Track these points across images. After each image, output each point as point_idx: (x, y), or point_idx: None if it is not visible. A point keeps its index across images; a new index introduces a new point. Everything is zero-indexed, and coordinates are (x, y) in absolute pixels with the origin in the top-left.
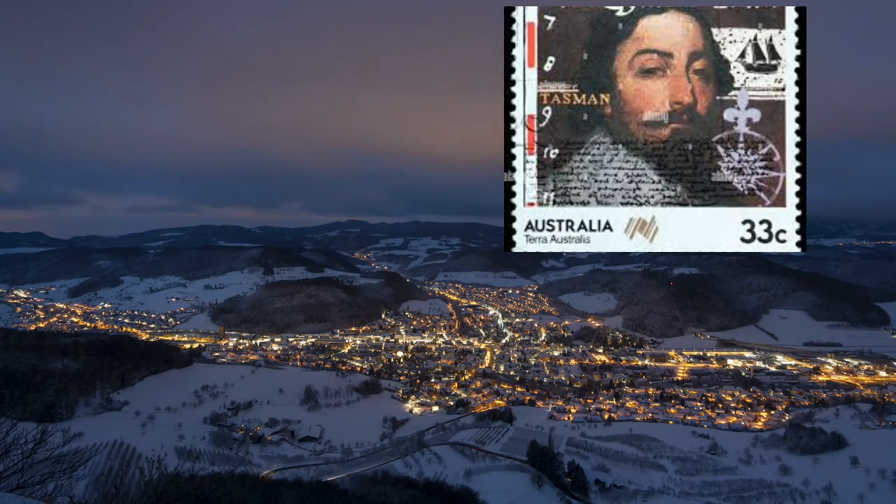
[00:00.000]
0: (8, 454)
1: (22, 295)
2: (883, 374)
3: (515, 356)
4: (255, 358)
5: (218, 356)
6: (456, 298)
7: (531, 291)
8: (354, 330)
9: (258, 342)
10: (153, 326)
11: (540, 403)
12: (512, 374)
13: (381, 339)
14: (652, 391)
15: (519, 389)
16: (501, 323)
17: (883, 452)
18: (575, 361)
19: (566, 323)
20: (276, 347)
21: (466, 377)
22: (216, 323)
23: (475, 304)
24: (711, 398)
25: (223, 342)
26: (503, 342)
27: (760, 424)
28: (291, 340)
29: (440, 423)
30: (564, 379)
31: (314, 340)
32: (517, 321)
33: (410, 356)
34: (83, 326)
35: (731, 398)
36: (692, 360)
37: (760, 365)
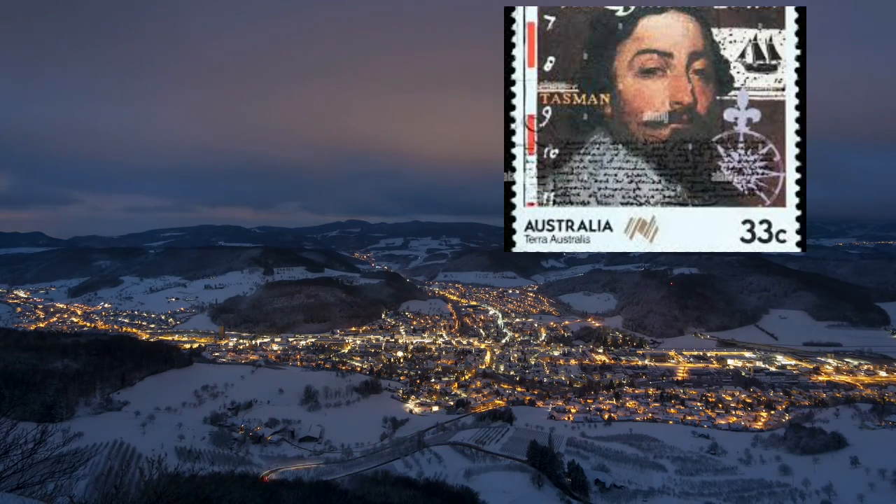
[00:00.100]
0: (8, 454)
1: (22, 295)
2: (883, 374)
3: (515, 356)
4: (255, 358)
5: (218, 356)
6: (456, 298)
7: (531, 291)
8: (354, 330)
9: (258, 342)
10: (153, 326)
11: (540, 403)
12: (512, 374)
13: (381, 339)
14: (652, 391)
15: (519, 389)
16: (501, 323)
17: (883, 452)
18: (575, 361)
19: (566, 323)
20: (276, 347)
21: (466, 377)
22: (216, 323)
23: (475, 304)
24: (711, 398)
25: (223, 342)
26: (503, 342)
27: (760, 424)
28: (291, 340)
29: (440, 423)
30: (564, 379)
31: (314, 340)
32: (517, 321)
33: (410, 356)
34: (83, 326)
35: (731, 398)
36: (692, 360)
37: (760, 365)
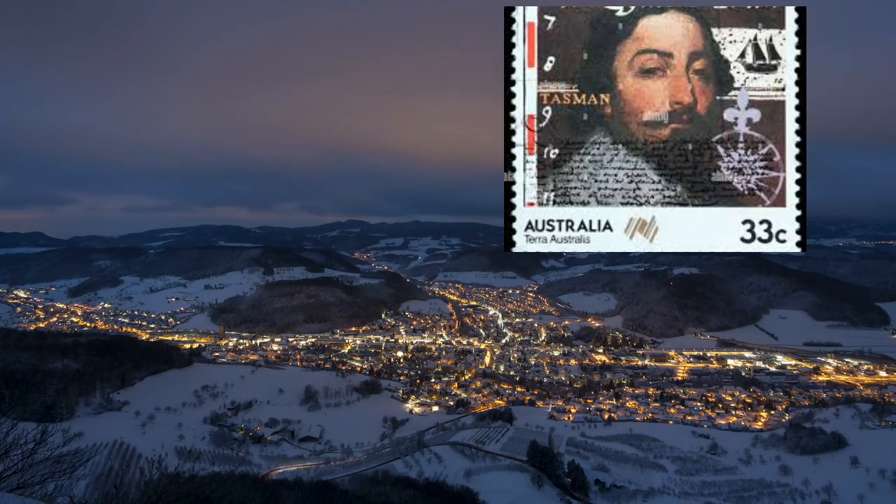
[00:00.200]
0: (8, 454)
1: (22, 295)
2: (883, 374)
3: (515, 356)
4: (255, 358)
5: (218, 356)
6: (456, 298)
7: (531, 291)
8: (354, 330)
9: (258, 342)
10: (153, 326)
11: (540, 403)
12: (512, 374)
13: (381, 339)
14: (652, 391)
15: (519, 389)
16: (501, 323)
17: (883, 452)
18: (575, 361)
19: (566, 323)
20: (276, 347)
21: (466, 377)
22: (216, 323)
23: (475, 304)
24: (711, 398)
25: (223, 342)
26: (503, 342)
27: (760, 424)
28: (291, 340)
29: (440, 423)
30: (564, 379)
31: (314, 340)
32: (517, 321)
33: (410, 356)
34: (83, 326)
35: (731, 398)
36: (692, 360)
37: (760, 365)
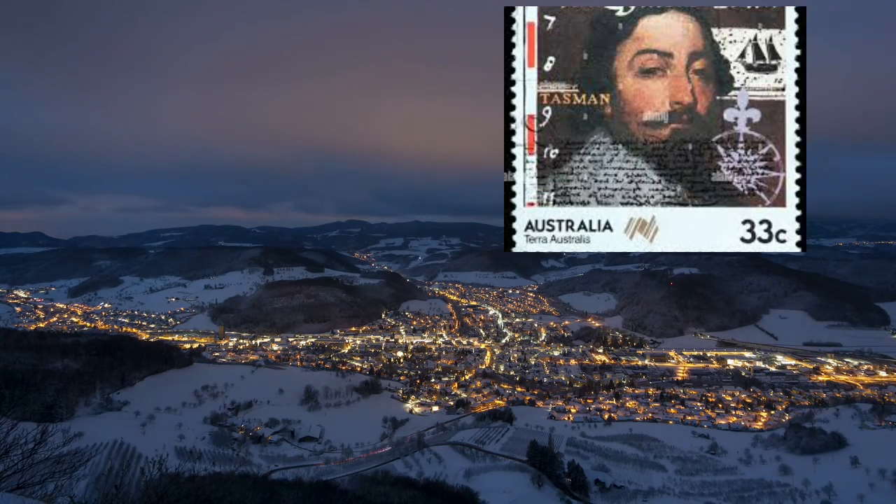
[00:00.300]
0: (8, 454)
1: (22, 295)
2: (883, 374)
3: (515, 356)
4: (255, 358)
5: (218, 356)
6: (456, 298)
7: (531, 291)
8: (354, 330)
9: (258, 342)
10: (153, 326)
11: (540, 403)
12: (512, 374)
13: (381, 339)
14: (652, 391)
15: (519, 389)
16: (501, 323)
17: (883, 452)
18: (575, 361)
19: (566, 323)
20: (276, 347)
21: (466, 377)
22: (216, 323)
23: (475, 304)
24: (711, 398)
25: (223, 342)
26: (503, 342)
27: (760, 424)
28: (291, 340)
29: (440, 423)
30: (564, 379)
31: (314, 340)
32: (517, 321)
33: (410, 356)
34: (83, 326)
35: (731, 398)
36: (692, 360)
37: (760, 365)
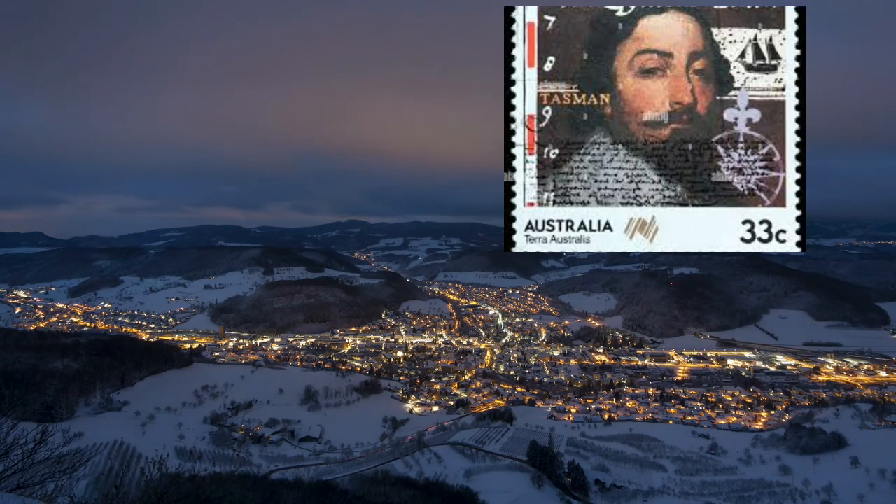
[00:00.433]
0: (8, 454)
1: (22, 295)
2: (883, 374)
3: (515, 356)
4: (255, 358)
5: (218, 356)
6: (456, 298)
7: (531, 291)
8: (354, 330)
9: (258, 342)
10: (153, 326)
11: (540, 403)
12: (512, 374)
13: (381, 339)
14: (652, 391)
15: (519, 389)
16: (501, 323)
17: (883, 452)
18: (575, 361)
19: (566, 323)
20: (276, 347)
21: (466, 377)
22: (216, 323)
23: (475, 304)
24: (711, 398)
25: (223, 342)
26: (503, 342)
27: (760, 424)
28: (291, 340)
29: (440, 423)
30: (564, 379)
31: (314, 340)
32: (517, 321)
33: (410, 356)
34: (83, 326)
35: (731, 398)
36: (692, 360)
37: (760, 365)
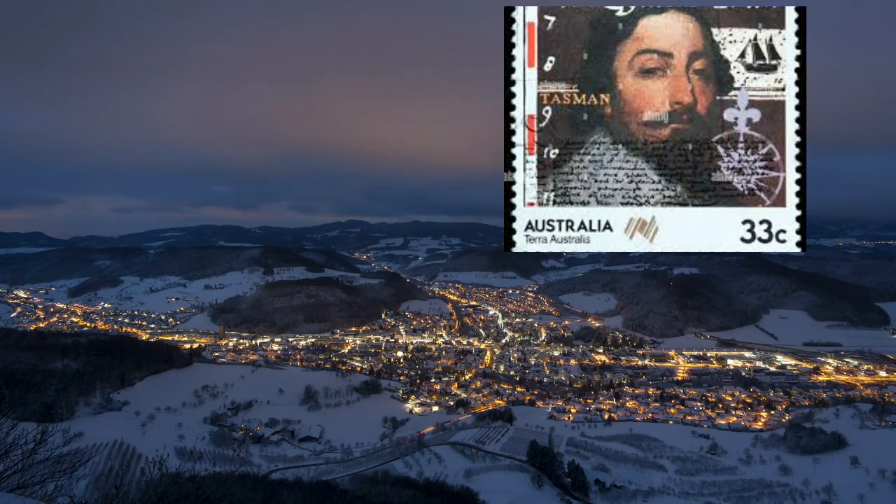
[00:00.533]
0: (8, 454)
1: (22, 295)
2: (883, 374)
3: (515, 356)
4: (255, 358)
5: (218, 356)
6: (456, 298)
7: (531, 291)
8: (354, 330)
9: (258, 342)
10: (153, 326)
11: (540, 403)
12: (512, 374)
13: (381, 339)
14: (652, 391)
15: (519, 389)
16: (501, 323)
17: (883, 452)
18: (575, 361)
19: (566, 323)
20: (276, 347)
21: (466, 377)
22: (216, 323)
23: (475, 304)
24: (711, 398)
25: (223, 342)
26: (503, 342)
27: (760, 424)
28: (291, 340)
29: (440, 423)
30: (564, 379)
31: (314, 340)
32: (517, 321)
33: (410, 356)
34: (83, 326)
35: (731, 398)
36: (692, 360)
37: (760, 365)
